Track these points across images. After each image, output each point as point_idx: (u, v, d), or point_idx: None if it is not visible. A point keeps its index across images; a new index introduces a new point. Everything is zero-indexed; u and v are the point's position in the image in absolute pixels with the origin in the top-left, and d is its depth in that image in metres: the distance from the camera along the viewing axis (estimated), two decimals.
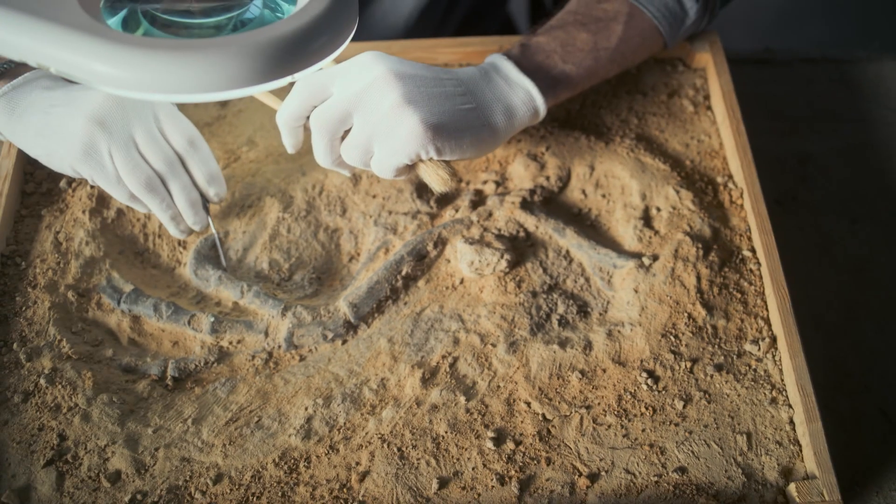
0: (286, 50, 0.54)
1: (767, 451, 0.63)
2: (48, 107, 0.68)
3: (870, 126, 0.88)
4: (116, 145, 0.66)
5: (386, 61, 0.64)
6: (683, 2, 0.77)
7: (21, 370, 0.67)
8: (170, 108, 0.69)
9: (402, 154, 0.64)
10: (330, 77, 0.64)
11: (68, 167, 0.68)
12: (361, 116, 0.63)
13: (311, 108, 0.65)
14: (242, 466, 0.63)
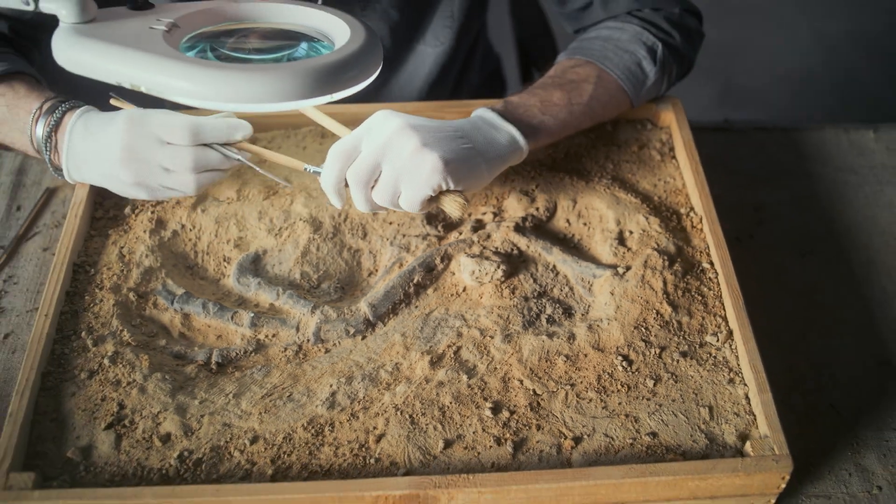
0: (326, 74, 0.70)
1: (727, 420, 0.74)
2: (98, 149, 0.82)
3: (814, 181, 1.03)
4: (152, 176, 0.80)
5: (398, 116, 0.79)
6: (643, 66, 0.93)
7: (87, 353, 0.78)
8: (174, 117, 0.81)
9: (426, 187, 0.77)
10: (356, 139, 0.79)
11: (127, 196, 0.83)
12: (388, 163, 0.77)
13: (346, 170, 0.79)
14: (275, 430, 0.73)
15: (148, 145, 0.79)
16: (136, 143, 0.79)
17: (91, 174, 0.84)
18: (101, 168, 0.82)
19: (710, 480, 0.69)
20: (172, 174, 0.80)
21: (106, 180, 0.83)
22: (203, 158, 0.81)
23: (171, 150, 0.78)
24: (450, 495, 0.68)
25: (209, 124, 0.80)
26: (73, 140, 0.84)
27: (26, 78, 0.92)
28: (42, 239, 0.97)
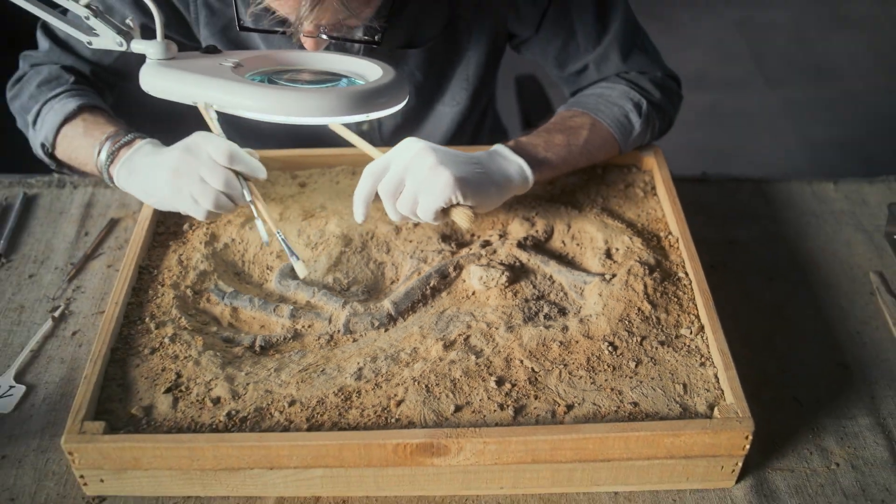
0: (363, 97, 0.87)
1: (698, 394, 0.86)
2: (145, 168, 0.98)
3: (780, 222, 1.17)
4: (189, 182, 0.94)
5: (421, 142, 0.95)
6: (630, 118, 1.10)
7: (150, 334, 0.92)
8: (218, 140, 0.95)
9: (440, 199, 0.93)
10: (387, 161, 0.95)
11: (167, 206, 0.98)
12: (410, 178, 0.93)
13: (376, 186, 0.95)
14: (310, 396, 0.85)
15: (194, 160, 0.93)
16: (185, 159, 0.93)
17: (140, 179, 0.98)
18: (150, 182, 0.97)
19: (683, 437, 0.80)
20: (205, 187, 0.93)
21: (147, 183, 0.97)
22: (232, 182, 0.95)
23: (211, 165, 0.93)
24: (459, 445, 0.80)
25: (242, 155, 0.95)
26: (136, 156, 0.99)
27: (101, 111, 1.09)
28: (106, 258, 1.12)
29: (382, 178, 0.94)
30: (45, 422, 0.92)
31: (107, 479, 0.83)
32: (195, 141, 0.94)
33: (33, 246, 1.14)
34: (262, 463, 0.81)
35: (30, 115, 1.11)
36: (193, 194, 0.93)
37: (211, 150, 0.93)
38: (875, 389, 0.96)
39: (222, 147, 0.93)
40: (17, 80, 1.17)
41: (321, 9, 0.84)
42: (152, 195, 0.97)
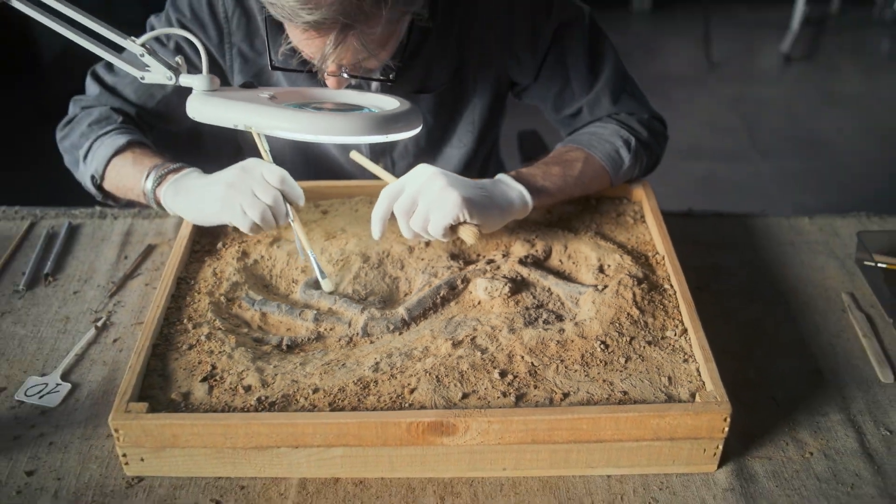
0: (382, 121, 0.99)
1: (681, 385, 0.95)
2: (198, 186, 1.10)
3: (760, 250, 1.28)
4: (241, 195, 1.06)
5: (432, 167, 1.07)
6: (620, 153, 1.22)
7: (188, 333, 1.02)
8: (271, 165, 1.08)
9: (449, 216, 1.04)
10: (401, 184, 1.07)
11: (215, 217, 1.09)
12: (423, 198, 1.05)
13: (392, 206, 1.07)
14: (332, 385, 0.95)
15: (248, 177, 1.05)
16: (241, 176, 1.06)
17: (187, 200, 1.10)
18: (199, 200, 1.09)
19: (668, 419, 0.89)
20: (254, 202, 1.05)
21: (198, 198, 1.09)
22: (279, 200, 1.07)
23: (263, 183, 1.05)
24: (466, 424, 0.89)
25: (291, 180, 1.07)
26: (183, 179, 1.12)
27: (147, 146, 1.22)
28: (144, 278, 1.23)
29: (398, 199, 1.06)
30: (88, 414, 1.02)
31: (146, 458, 0.92)
32: (251, 163, 1.07)
33: (77, 267, 1.26)
34: (289, 441, 0.90)
35: (81, 150, 1.24)
36: (244, 206, 1.05)
37: (264, 171, 1.05)
38: (846, 391, 1.04)
39: (275, 170, 1.05)
40: (67, 122, 1.30)
41: (343, 49, 0.97)
42: (202, 209, 1.09)
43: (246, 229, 1.08)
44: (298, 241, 1.09)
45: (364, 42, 0.97)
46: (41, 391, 1.05)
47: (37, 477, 0.94)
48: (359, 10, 0.92)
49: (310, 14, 0.91)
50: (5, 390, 1.05)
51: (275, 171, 1.06)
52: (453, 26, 1.23)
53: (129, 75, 1.25)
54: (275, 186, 1.06)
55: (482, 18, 1.23)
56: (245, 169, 1.07)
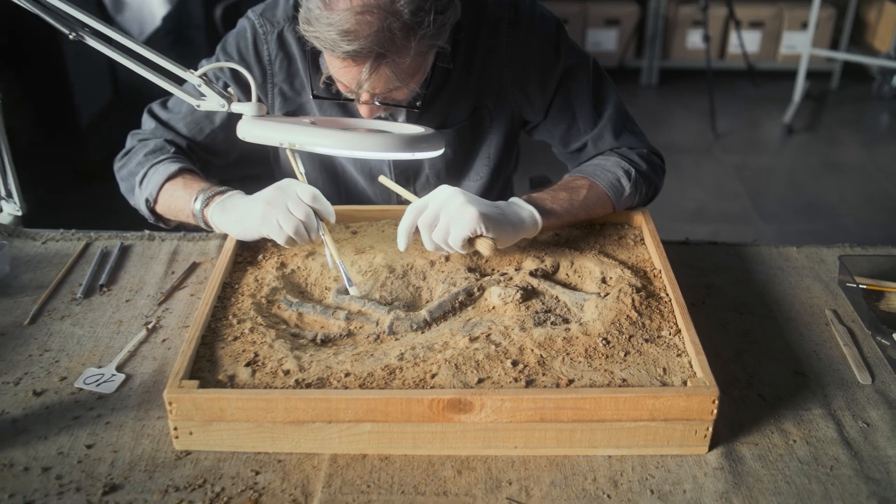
0: (410, 140, 1.14)
1: (675, 374, 1.06)
2: (240, 205, 1.24)
3: (751, 273, 1.40)
4: (277, 210, 1.20)
5: (452, 187, 1.21)
6: (622, 182, 1.35)
7: (232, 328, 1.14)
8: (304, 185, 1.21)
9: (467, 229, 1.17)
10: (425, 201, 1.20)
11: (255, 231, 1.22)
12: (444, 213, 1.18)
13: (416, 221, 1.20)
14: (362, 370, 1.06)
15: (284, 195, 1.19)
16: (277, 194, 1.20)
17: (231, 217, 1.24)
18: (242, 215, 1.23)
19: (662, 400, 1.00)
20: (288, 216, 1.19)
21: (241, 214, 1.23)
22: (311, 216, 1.20)
23: (297, 200, 1.19)
24: (482, 401, 1.00)
25: (322, 198, 1.21)
26: (228, 200, 1.26)
27: (196, 173, 1.36)
28: (189, 290, 1.36)
29: (422, 214, 1.19)
30: (140, 400, 1.13)
31: (195, 432, 1.03)
32: (286, 183, 1.21)
33: (129, 280, 1.39)
34: (323, 416, 1.01)
35: (137, 177, 1.38)
36: (279, 220, 1.18)
37: (298, 190, 1.19)
38: (827, 390, 1.15)
39: (308, 189, 1.19)
40: (125, 153, 1.45)
41: (376, 77, 1.12)
42: (244, 223, 1.22)
43: (282, 241, 1.21)
44: (329, 252, 1.22)
45: (395, 71, 1.11)
46: (98, 380, 1.16)
47: (95, 449, 1.05)
48: (391, 41, 1.07)
49: (349, 44, 1.07)
50: (66, 379, 1.17)
51: (307, 189, 1.20)
52: (472, 69, 1.38)
53: (181, 111, 1.41)
54: (307, 203, 1.20)
55: (498, 63, 1.38)
56: (281, 188, 1.21)
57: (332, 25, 1.07)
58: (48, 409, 1.12)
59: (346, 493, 0.99)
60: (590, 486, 1.00)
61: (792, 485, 1.00)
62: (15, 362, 1.20)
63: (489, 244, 1.19)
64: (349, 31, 1.06)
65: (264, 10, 1.38)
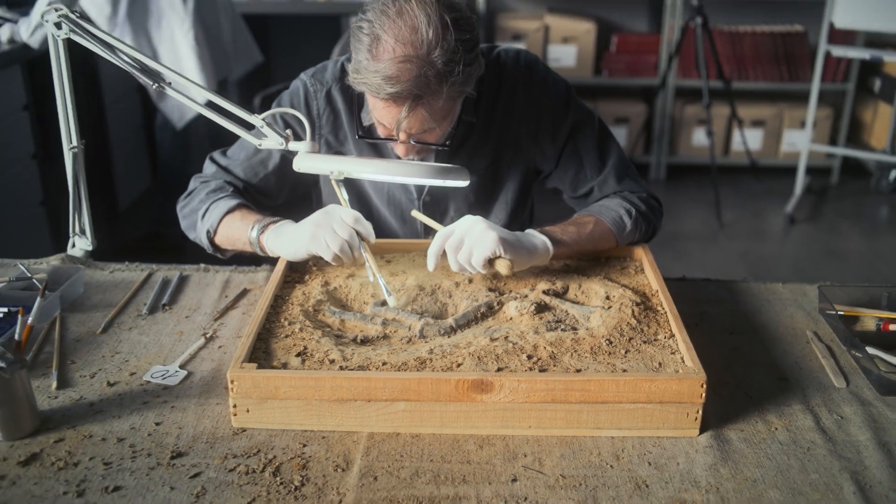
0: (440, 170, 1.34)
1: (668, 367, 1.21)
2: (292, 229, 1.44)
3: (740, 303, 1.56)
4: (324, 231, 1.39)
5: (476, 216, 1.40)
6: (623, 220, 1.54)
7: (284, 328, 1.31)
8: (347, 209, 1.41)
9: (488, 251, 1.36)
10: (452, 228, 1.40)
11: (304, 250, 1.41)
12: (468, 237, 1.37)
13: (444, 244, 1.39)
14: (397, 360, 1.23)
15: (330, 218, 1.39)
16: (324, 217, 1.39)
17: (283, 239, 1.43)
18: (293, 237, 1.42)
19: (657, 383, 1.15)
20: (334, 236, 1.38)
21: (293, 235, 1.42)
22: (353, 236, 1.40)
23: (341, 222, 1.38)
24: (501, 382, 1.16)
25: (364, 220, 1.41)
26: (281, 227, 1.45)
27: (252, 208, 1.57)
28: (241, 309, 1.54)
29: (448, 239, 1.38)
30: (201, 391, 1.29)
31: (251, 410, 1.19)
32: (332, 208, 1.41)
33: (187, 301, 1.57)
34: (363, 395, 1.17)
35: (199, 212, 1.59)
36: (326, 240, 1.37)
37: (342, 214, 1.39)
38: (807, 391, 1.30)
39: (351, 212, 1.39)
40: (188, 194, 1.66)
41: (413, 117, 1.33)
42: (294, 243, 1.42)
43: (329, 258, 1.40)
44: (369, 268, 1.40)
45: (430, 112, 1.33)
46: (163, 375, 1.33)
47: (162, 426, 1.21)
48: (427, 86, 1.29)
49: (391, 87, 1.28)
50: (135, 374, 1.33)
51: (350, 213, 1.40)
52: (492, 124, 1.59)
53: (239, 158, 1.63)
54: (350, 225, 1.39)
55: (515, 118, 1.60)
56: (327, 212, 1.41)
57: (377, 72, 1.28)
58: (120, 396, 1.28)
59: (382, 461, 1.14)
60: (595, 459, 1.14)
61: (773, 460, 1.14)
62: (90, 361, 1.37)
63: (507, 265, 1.37)
64: (392, 76, 1.28)
65: (315, 73, 1.61)
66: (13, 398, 1.16)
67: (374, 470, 1.12)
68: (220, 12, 3.64)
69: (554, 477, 1.11)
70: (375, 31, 1.30)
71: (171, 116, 3.63)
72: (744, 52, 4.73)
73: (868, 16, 3.95)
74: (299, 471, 1.12)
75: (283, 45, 4.87)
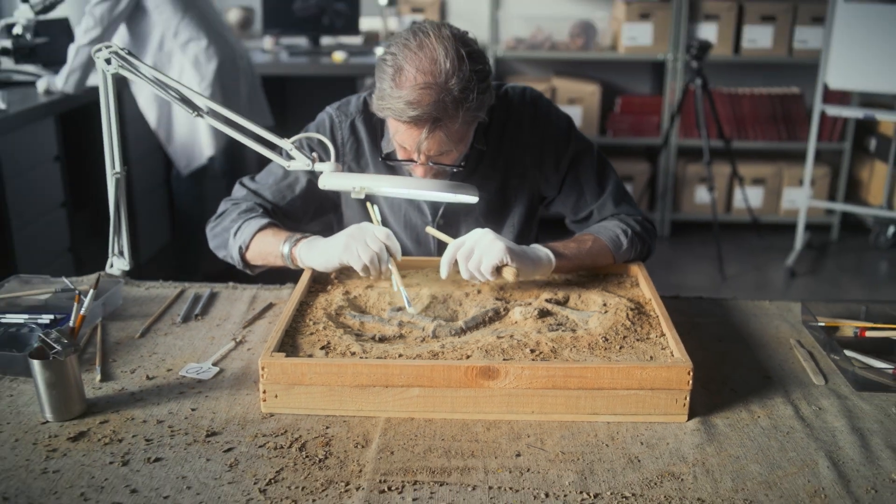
0: (452, 186, 1.48)
1: (658, 360, 1.33)
2: (324, 241, 1.58)
3: (730, 316, 1.68)
4: (357, 243, 1.53)
5: (485, 229, 1.54)
6: (620, 239, 1.68)
7: (309, 327, 1.44)
8: (379, 226, 1.56)
9: (496, 258, 1.50)
10: (463, 239, 1.54)
11: (336, 259, 1.55)
12: (477, 247, 1.51)
13: (455, 254, 1.53)
14: (412, 353, 1.35)
15: (363, 232, 1.54)
16: (358, 230, 1.54)
17: (315, 251, 1.58)
18: (324, 249, 1.56)
19: (648, 371, 1.27)
20: (366, 248, 1.52)
21: (326, 246, 1.56)
22: (384, 250, 1.54)
23: (373, 237, 1.53)
24: (506, 370, 1.28)
25: (393, 237, 1.56)
26: (313, 241, 1.60)
27: (281, 227, 1.71)
28: (267, 319, 1.67)
29: (460, 249, 1.52)
30: (232, 384, 1.42)
31: (279, 395, 1.31)
32: (365, 224, 1.58)
33: (218, 313, 1.70)
34: (381, 381, 1.29)
35: (231, 230, 1.73)
36: (359, 251, 1.52)
37: (375, 230, 1.54)
38: (788, 388, 1.41)
39: (382, 229, 1.55)
40: (218, 216, 1.81)
41: (432, 138, 1.48)
42: (327, 254, 1.56)
43: (359, 268, 1.54)
44: (394, 279, 1.54)
45: (447, 134, 1.48)
46: (198, 371, 1.45)
47: (198, 411, 1.33)
48: (444, 110, 1.44)
49: (413, 111, 1.43)
50: (172, 370, 1.46)
51: (382, 230, 1.55)
52: (500, 153, 1.75)
53: (267, 182, 1.78)
54: (382, 240, 1.54)
55: (521, 148, 1.75)
56: (360, 228, 1.56)
57: (400, 98, 1.44)
58: (158, 387, 1.41)
59: (399, 440, 1.25)
60: (592, 440, 1.26)
61: (755, 442, 1.25)
62: (130, 360, 1.50)
63: (513, 272, 1.50)
64: (413, 101, 1.43)
65: (340, 106, 1.77)
66: (65, 381, 1.29)
67: (391, 447, 1.23)
68: (241, 75, 3.82)
69: (554, 453, 1.22)
70: (398, 62, 1.46)
71: (178, 163, 3.78)
72: (743, 112, 4.93)
73: (860, 77, 4.13)
74: (323, 447, 1.23)
75: (299, 104, 5.10)
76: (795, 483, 1.16)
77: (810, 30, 4.71)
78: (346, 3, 4.98)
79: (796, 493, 1.14)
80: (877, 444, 1.25)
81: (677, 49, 4.77)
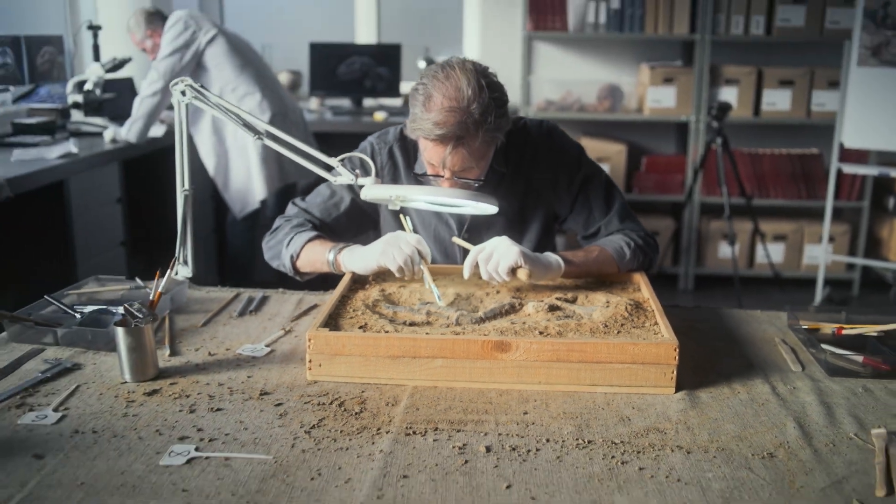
0: (474, 195, 1.72)
1: (651, 341, 1.53)
2: (364, 248, 1.82)
3: (723, 323, 1.88)
4: (393, 248, 1.77)
5: (503, 236, 1.77)
6: (624, 250, 1.89)
7: (349, 314, 1.67)
8: (411, 233, 1.79)
9: (511, 261, 1.72)
10: (483, 245, 1.77)
11: (374, 262, 1.79)
12: (496, 251, 1.74)
13: (477, 257, 1.76)
14: (436, 332, 1.57)
15: (398, 239, 1.78)
16: (393, 237, 1.78)
17: (356, 256, 1.82)
18: (364, 254, 1.80)
19: (639, 347, 1.48)
20: (401, 251, 1.76)
21: (365, 252, 1.80)
22: (416, 254, 1.78)
23: (406, 242, 1.77)
24: (517, 343, 1.49)
25: (424, 242, 1.79)
26: (354, 248, 1.84)
27: (327, 238, 1.96)
28: (312, 316, 1.90)
29: (481, 253, 1.75)
30: (282, 360, 1.64)
31: (323, 364, 1.53)
32: (399, 232, 1.82)
33: (269, 310, 1.94)
34: (410, 352, 1.51)
35: (284, 242, 1.98)
36: (394, 254, 1.76)
37: (407, 236, 1.79)
38: (768, 373, 1.59)
39: (415, 236, 1.80)
40: (273, 230, 2.06)
41: (455, 155, 1.73)
42: (366, 257, 1.80)
43: (394, 269, 1.77)
44: (426, 278, 1.77)
45: (469, 151, 1.72)
46: (252, 350, 1.69)
47: (252, 378, 1.56)
48: (466, 129, 1.69)
49: (439, 130, 1.69)
50: (230, 349, 1.69)
51: (414, 236, 1.79)
52: (519, 176, 1.99)
53: (315, 202, 2.04)
54: (414, 245, 1.78)
55: (538, 172, 1.99)
56: (395, 235, 1.80)
57: (429, 119, 1.70)
58: (219, 361, 1.64)
59: (423, 401, 1.46)
60: (590, 405, 1.46)
61: (732, 409, 1.44)
62: (194, 342, 1.74)
63: (526, 273, 1.73)
64: (439, 122, 1.69)
65: (380, 135, 2.04)
66: (142, 346, 1.52)
67: (417, 405, 1.45)
68: (292, 126, 4.12)
69: (557, 413, 1.42)
70: (428, 90, 1.72)
71: (234, 207, 4.08)
72: (764, 171, 5.14)
73: (875, 136, 4.34)
74: (359, 404, 1.45)
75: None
76: (764, 438, 1.34)
77: (827, 93, 4.94)
78: (387, 68, 5.34)
79: (764, 444, 1.32)
80: (841, 413, 1.43)
81: (699, 111, 5.02)
